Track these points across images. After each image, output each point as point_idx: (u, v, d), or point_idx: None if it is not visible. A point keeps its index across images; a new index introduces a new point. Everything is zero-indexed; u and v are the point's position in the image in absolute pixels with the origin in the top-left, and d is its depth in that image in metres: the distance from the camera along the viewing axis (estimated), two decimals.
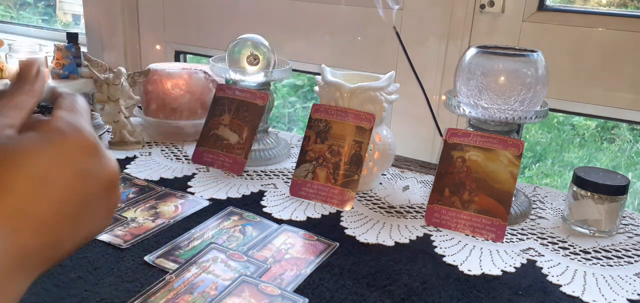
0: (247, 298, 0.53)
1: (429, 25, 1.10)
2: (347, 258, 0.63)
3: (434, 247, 0.68)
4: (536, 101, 0.74)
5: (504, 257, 0.66)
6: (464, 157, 0.74)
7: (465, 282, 0.60)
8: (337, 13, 1.21)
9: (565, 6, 1.06)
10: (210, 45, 1.43)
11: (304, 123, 1.69)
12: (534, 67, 0.72)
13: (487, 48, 0.76)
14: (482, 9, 1.04)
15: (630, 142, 1.80)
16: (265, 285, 0.56)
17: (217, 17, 1.39)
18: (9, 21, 2.15)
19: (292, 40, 1.28)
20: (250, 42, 0.91)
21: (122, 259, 0.60)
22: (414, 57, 0.89)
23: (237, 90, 0.90)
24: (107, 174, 0.31)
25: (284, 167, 0.93)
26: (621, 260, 0.67)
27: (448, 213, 0.73)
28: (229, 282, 0.56)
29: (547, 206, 0.83)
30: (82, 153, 0.30)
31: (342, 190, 0.77)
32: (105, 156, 0.31)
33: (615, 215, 0.72)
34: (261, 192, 0.81)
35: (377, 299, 0.56)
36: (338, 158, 0.79)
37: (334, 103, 0.82)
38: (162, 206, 0.74)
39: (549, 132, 1.92)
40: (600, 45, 0.98)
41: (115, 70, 0.94)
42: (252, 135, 0.87)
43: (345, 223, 0.73)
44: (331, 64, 0.97)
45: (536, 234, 0.73)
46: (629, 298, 0.59)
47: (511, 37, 1.04)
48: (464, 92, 0.76)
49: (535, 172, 1.87)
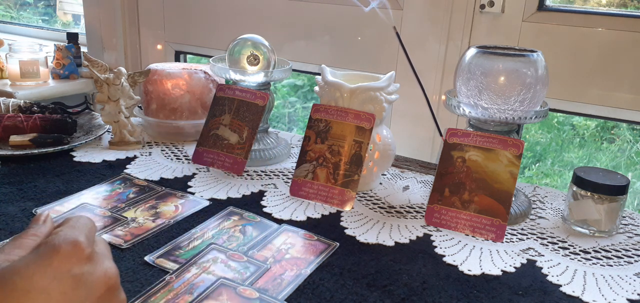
0: (224, 301, 0.53)
1: (429, 26, 1.10)
2: (347, 258, 0.63)
3: (434, 247, 0.68)
4: (536, 101, 0.74)
5: (504, 257, 0.66)
6: (464, 157, 0.74)
7: (465, 282, 0.60)
8: (337, 13, 1.21)
9: (565, 6, 1.06)
10: (210, 45, 1.43)
11: (304, 123, 1.69)
12: (534, 67, 0.72)
13: (487, 48, 0.76)
14: (482, 9, 1.04)
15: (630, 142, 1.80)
16: (244, 288, 0.55)
17: (217, 17, 1.39)
18: (9, 21, 2.15)
19: (292, 40, 1.28)
20: (250, 42, 0.91)
21: (122, 259, 0.60)
22: (414, 57, 0.89)
23: (237, 90, 0.90)
24: (105, 279, 0.34)
25: (284, 167, 0.93)
26: (621, 260, 0.67)
27: (448, 213, 0.73)
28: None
29: (547, 206, 0.83)
30: (76, 263, 0.33)
31: (342, 190, 0.77)
32: (102, 263, 0.35)
33: (615, 215, 0.72)
34: (261, 192, 0.81)
35: (377, 299, 0.56)
36: (338, 158, 0.79)
37: (334, 103, 0.82)
38: (163, 206, 0.74)
39: (548, 132, 1.92)
40: (600, 45, 0.98)
41: (116, 70, 0.94)
42: (252, 135, 0.87)
43: (345, 223, 0.73)
44: (331, 64, 0.98)
45: (536, 234, 0.73)
46: (628, 298, 0.59)
47: (511, 37, 1.04)
48: (463, 92, 0.76)
49: (535, 172, 1.87)
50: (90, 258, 0.34)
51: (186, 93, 1.00)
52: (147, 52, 1.56)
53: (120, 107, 0.94)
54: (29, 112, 1.01)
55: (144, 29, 1.54)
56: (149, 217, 0.71)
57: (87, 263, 0.34)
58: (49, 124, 0.96)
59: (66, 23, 2.17)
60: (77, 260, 0.33)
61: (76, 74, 1.56)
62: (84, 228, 0.35)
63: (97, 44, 1.62)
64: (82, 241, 0.34)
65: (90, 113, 1.10)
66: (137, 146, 0.97)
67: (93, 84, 1.02)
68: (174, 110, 1.00)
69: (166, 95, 1.00)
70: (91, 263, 0.34)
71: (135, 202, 0.75)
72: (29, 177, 0.81)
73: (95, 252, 0.35)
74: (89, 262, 0.34)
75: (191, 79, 1.01)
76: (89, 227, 0.36)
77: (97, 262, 0.34)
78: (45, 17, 2.27)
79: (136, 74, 0.96)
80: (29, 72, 1.45)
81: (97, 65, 0.93)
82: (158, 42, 1.53)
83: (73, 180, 0.81)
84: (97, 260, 0.34)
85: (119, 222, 0.69)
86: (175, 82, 1.00)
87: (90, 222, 0.37)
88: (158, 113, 1.01)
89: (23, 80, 1.45)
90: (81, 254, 0.33)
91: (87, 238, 0.34)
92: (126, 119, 0.96)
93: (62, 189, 0.78)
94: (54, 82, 1.52)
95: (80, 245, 0.33)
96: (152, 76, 1.00)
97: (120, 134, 0.96)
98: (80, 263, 0.33)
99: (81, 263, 0.33)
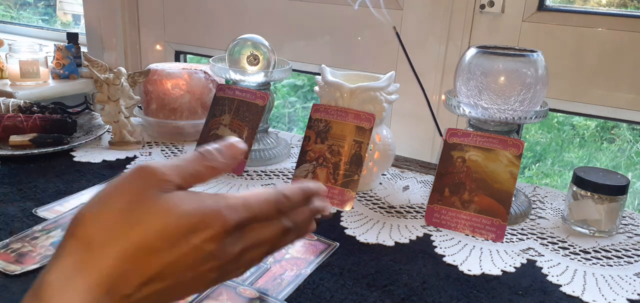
0: (224, 301, 0.53)
1: (429, 26, 1.10)
2: (347, 258, 0.63)
3: (434, 247, 0.68)
4: (536, 101, 0.74)
5: (503, 257, 0.66)
6: (464, 157, 0.74)
7: (465, 282, 0.60)
8: (337, 13, 1.21)
9: (565, 6, 1.06)
10: (210, 45, 1.43)
11: (304, 123, 1.69)
12: (534, 67, 0.72)
13: (487, 48, 0.76)
14: (482, 9, 1.04)
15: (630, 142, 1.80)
16: (244, 288, 0.56)
17: (217, 17, 1.39)
18: (9, 21, 2.15)
19: (292, 40, 1.28)
20: (250, 42, 0.91)
21: None
22: (414, 57, 0.89)
23: (237, 90, 0.90)
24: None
25: (284, 167, 0.93)
26: (621, 260, 0.67)
27: (448, 213, 0.73)
28: None
29: (547, 206, 0.83)
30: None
31: (342, 190, 0.77)
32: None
33: (615, 215, 0.72)
34: None
35: (377, 299, 0.56)
36: (338, 159, 0.79)
37: (334, 103, 0.82)
38: None
39: (548, 132, 1.92)
40: (600, 45, 0.98)
41: (116, 70, 0.94)
42: (252, 135, 0.87)
43: (345, 223, 0.73)
44: (331, 64, 0.98)
45: (536, 234, 0.73)
46: (628, 298, 0.59)
47: (511, 37, 1.04)
48: (463, 92, 0.76)
49: (535, 172, 1.87)
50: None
51: (186, 93, 1.00)
52: (147, 52, 1.56)
53: (120, 107, 0.94)
54: (29, 112, 1.01)
55: (144, 29, 1.54)
56: None
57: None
58: (49, 124, 0.96)
59: (66, 23, 2.17)
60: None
61: (76, 74, 1.56)
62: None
63: (97, 44, 1.62)
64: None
65: (90, 113, 1.10)
66: (137, 146, 0.97)
67: (93, 84, 1.02)
68: (174, 110, 1.00)
69: (166, 95, 1.00)
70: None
71: None
72: (29, 177, 0.81)
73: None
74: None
75: (191, 79, 1.01)
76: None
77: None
78: (45, 17, 2.27)
79: (136, 74, 0.96)
80: (29, 72, 1.45)
81: (97, 65, 0.93)
82: (158, 42, 1.53)
83: (73, 180, 0.81)
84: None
85: None
86: (175, 82, 1.00)
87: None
88: (158, 113, 1.01)
89: (23, 80, 1.45)
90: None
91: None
92: (126, 119, 0.96)
93: (62, 189, 0.78)
94: (54, 82, 1.51)
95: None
96: (152, 76, 1.00)
97: (120, 134, 0.96)
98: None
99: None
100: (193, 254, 0.32)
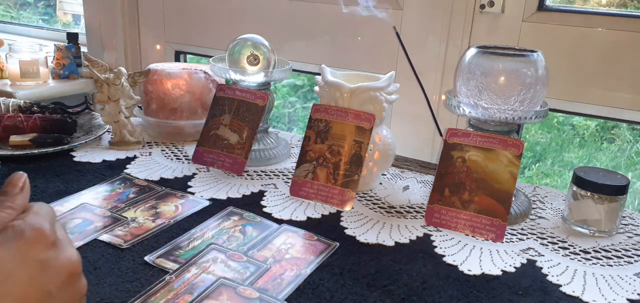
0: (224, 301, 0.53)
1: (429, 26, 1.10)
2: (347, 258, 0.63)
3: (434, 247, 0.68)
4: (536, 101, 0.74)
5: (503, 257, 0.66)
6: (464, 157, 0.74)
7: (465, 282, 0.60)
8: (337, 13, 1.21)
9: (565, 6, 1.06)
10: (210, 45, 1.43)
11: (304, 123, 1.69)
12: (534, 67, 0.72)
13: (487, 48, 0.76)
14: (482, 9, 1.04)
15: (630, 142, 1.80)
16: (244, 288, 0.56)
17: (217, 17, 1.39)
18: (9, 21, 2.15)
19: (292, 40, 1.28)
20: (250, 42, 0.91)
21: (122, 259, 0.60)
22: (414, 57, 0.89)
23: (237, 90, 0.90)
24: (68, 264, 0.35)
25: (284, 167, 0.93)
26: (621, 260, 0.67)
27: (448, 213, 0.73)
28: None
29: (547, 206, 0.83)
30: (42, 249, 0.34)
31: (342, 190, 0.77)
32: (65, 249, 0.36)
33: (615, 215, 0.72)
34: (261, 192, 0.81)
35: (377, 299, 0.56)
36: (338, 159, 0.79)
37: (334, 103, 0.82)
38: (162, 206, 0.74)
39: (548, 132, 1.92)
40: (600, 45, 0.98)
41: (116, 70, 0.94)
42: (252, 135, 0.87)
43: (345, 223, 0.73)
44: (331, 64, 0.98)
45: (536, 234, 0.73)
46: (628, 298, 0.59)
47: (511, 37, 1.04)
48: (463, 92, 0.76)
49: (535, 172, 1.87)
50: (55, 244, 0.35)
51: (186, 93, 1.00)
52: (147, 52, 1.56)
53: (120, 107, 0.94)
54: (29, 112, 1.01)
55: (144, 29, 1.54)
56: (149, 217, 0.71)
57: (52, 249, 0.35)
58: (49, 124, 0.96)
59: (66, 23, 2.17)
60: (43, 246, 0.34)
61: (76, 74, 1.56)
62: (47, 216, 0.36)
63: (97, 44, 1.62)
64: (46, 227, 0.35)
65: (90, 113, 1.10)
66: (137, 146, 0.97)
67: (93, 84, 1.02)
68: (174, 110, 1.00)
69: (166, 95, 1.00)
70: (55, 249, 0.35)
71: (135, 202, 0.75)
72: (29, 177, 0.81)
73: (58, 239, 0.35)
74: (54, 247, 0.35)
75: (191, 79, 1.01)
76: (51, 214, 0.37)
77: (61, 249, 0.35)
78: (45, 17, 2.27)
79: (136, 74, 0.96)
80: (29, 72, 1.45)
81: (97, 65, 0.93)
82: (158, 42, 1.53)
83: (73, 180, 0.81)
84: (61, 246, 0.35)
85: (118, 222, 0.69)
86: (175, 82, 1.00)
87: (52, 210, 0.37)
88: (158, 113, 1.01)
89: (23, 80, 1.45)
90: (46, 240, 0.34)
91: (51, 224, 0.35)
92: (126, 119, 0.96)
93: (62, 189, 0.78)
94: (54, 82, 1.52)
95: (45, 231, 0.34)
96: (152, 76, 1.00)
97: (120, 133, 0.96)
98: (45, 249, 0.34)
99: (46, 248, 0.34)
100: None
